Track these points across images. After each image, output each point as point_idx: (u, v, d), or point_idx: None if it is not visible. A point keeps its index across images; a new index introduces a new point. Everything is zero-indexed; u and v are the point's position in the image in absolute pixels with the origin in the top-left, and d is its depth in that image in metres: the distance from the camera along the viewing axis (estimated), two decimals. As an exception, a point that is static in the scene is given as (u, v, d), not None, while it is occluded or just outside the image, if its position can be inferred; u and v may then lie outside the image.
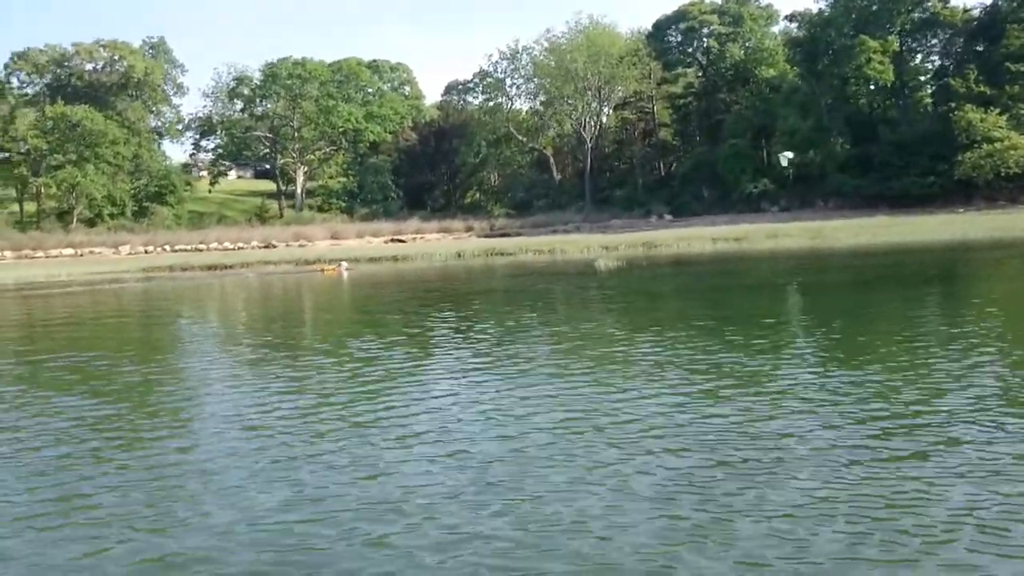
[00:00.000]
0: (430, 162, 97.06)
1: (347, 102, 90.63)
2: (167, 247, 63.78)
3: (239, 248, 64.50)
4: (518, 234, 70.17)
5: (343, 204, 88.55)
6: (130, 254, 61.57)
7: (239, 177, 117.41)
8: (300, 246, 65.68)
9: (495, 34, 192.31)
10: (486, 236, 70.25)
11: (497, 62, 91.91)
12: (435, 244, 59.31)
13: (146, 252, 62.24)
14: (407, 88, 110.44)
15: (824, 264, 25.74)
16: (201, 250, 62.87)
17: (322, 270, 35.34)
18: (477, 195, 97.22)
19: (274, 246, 65.78)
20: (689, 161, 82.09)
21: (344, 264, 35.93)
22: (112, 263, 50.49)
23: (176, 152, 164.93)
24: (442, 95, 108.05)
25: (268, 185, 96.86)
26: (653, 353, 10.53)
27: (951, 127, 63.61)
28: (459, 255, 39.72)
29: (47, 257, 59.71)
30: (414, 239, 70.08)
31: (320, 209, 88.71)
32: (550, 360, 10.64)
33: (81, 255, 60.86)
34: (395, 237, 70.78)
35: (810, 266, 25.23)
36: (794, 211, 68.22)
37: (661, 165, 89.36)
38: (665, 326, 13.35)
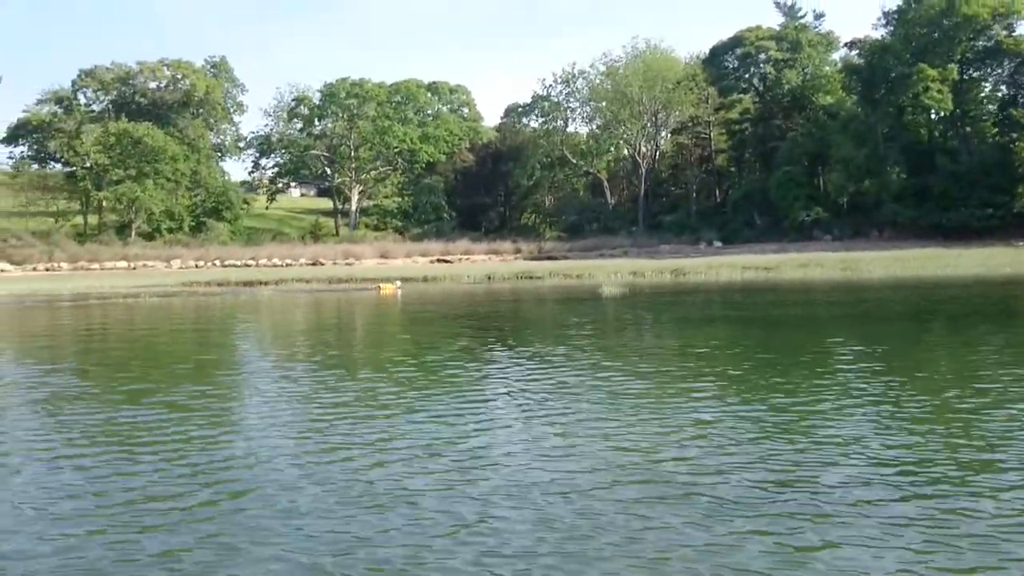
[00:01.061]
0: (486, 184, 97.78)
1: (404, 123, 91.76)
2: (217, 262, 65.06)
3: (287, 265, 65.43)
4: (564, 257, 70.03)
5: (397, 223, 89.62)
6: (181, 268, 62.93)
7: (303, 195, 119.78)
8: (347, 264, 66.39)
9: (558, 57, 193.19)
10: (532, 259, 70.27)
11: (552, 85, 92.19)
12: (475, 266, 59.39)
13: (196, 266, 63.53)
14: (466, 110, 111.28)
15: (836, 296, 25.10)
16: (250, 266, 63.93)
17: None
18: (531, 217, 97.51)
19: (321, 263, 66.56)
20: (742, 188, 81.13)
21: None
22: (160, 276, 51.67)
23: (236, 169, 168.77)
24: (501, 117, 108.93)
25: (327, 203, 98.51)
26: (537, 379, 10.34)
27: (1012, 158, 61.79)
28: (489, 278, 39.72)
29: (102, 269, 61.30)
30: (460, 260, 70.39)
31: (376, 228, 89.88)
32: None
33: (134, 268, 62.42)
34: (441, 257, 71.18)
35: (817, 299, 24.65)
36: (847, 240, 66.89)
37: (717, 191, 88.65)
38: (597, 356, 13.11)
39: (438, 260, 70.19)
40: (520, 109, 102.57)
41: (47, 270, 60.23)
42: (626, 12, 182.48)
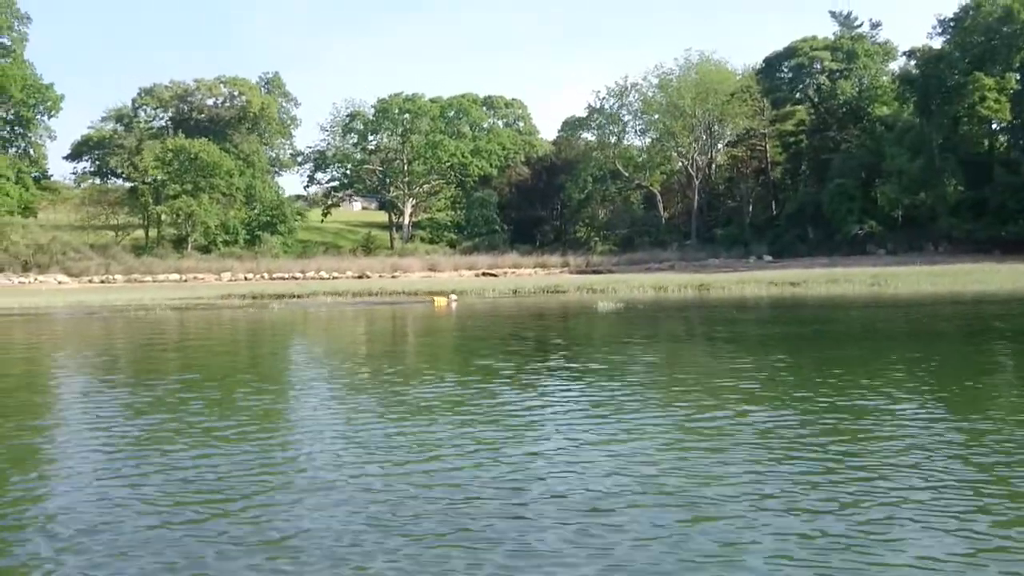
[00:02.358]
0: (541, 197, 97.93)
1: (457, 137, 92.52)
2: (266, 275, 66.29)
3: (334, 277, 66.37)
4: (610, 271, 69.66)
5: (451, 237, 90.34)
6: (231, 280, 64.28)
7: (363, 208, 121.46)
8: (393, 277, 67.08)
9: (617, 69, 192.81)
10: (579, 272, 70.08)
11: (605, 98, 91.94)
12: (515, 279, 59.39)
13: (246, 279, 64.85)
14: (521, 123, 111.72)
15: (842, 313, 24.52)
16: (298, 278, 65.03)
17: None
18: (584, 231, 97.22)
19: (368, 276, 67.35)
20: (795, 201, 79.75)
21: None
22: (203, 289, 52.85)
23: (293, 183, 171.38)
24: (558, 131, 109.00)
25: (385, 216, 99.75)
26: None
27: (1073, 169, 59.68)
28: (515, 292, 39.73)
29: (154, 282, 63.01)
30: (505, 273, 70.54)
31: (431, 241, 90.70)
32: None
33: (186, 280, 63.97)
34: (487, 271, 71.41)
35: (818, 316, 24.08)
36: (901, 255, 65.25)
37: (773, 204, 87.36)
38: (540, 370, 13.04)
39: (483, 274, 70.45)
40: (576, 122, 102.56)
41: (102, 282, 62.09)
42: (681, 25, 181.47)
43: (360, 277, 67.08)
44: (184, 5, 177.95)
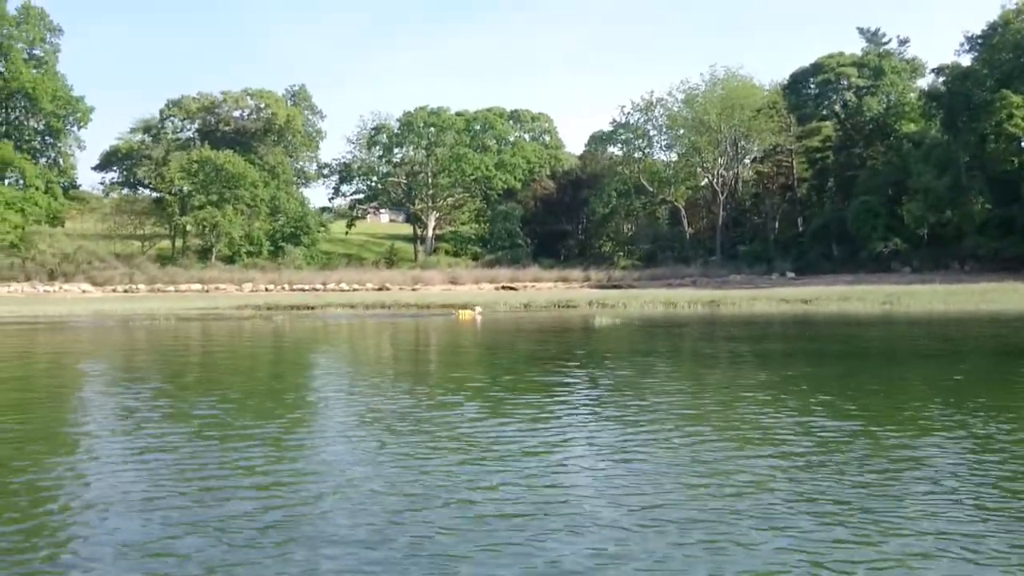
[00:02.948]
0: (566, 211, 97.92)
1: (482, 151, 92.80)
2: (286, 286, 66.73)
3: (354, 289, 66.69)
4: (630, 286, 69.30)
5: (476, 250, 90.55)
6: (252, 291, 64.78)
7: (391, 220, 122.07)
8: (413, 290, 67.26)
9: (645, 83, 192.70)
10: (599, 287, 69.84)
11: (630, 113, 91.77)
12: (533, 293, 59.35)
13: (267, 290, 65.33)
14: (547, 137, 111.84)
15: (842, 331, 24.22)
16: (318, 290, 65.43)
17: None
18: (608, 245, 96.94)
19: (388, 289, 67.61)
20: (820, 218, 79.10)
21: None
22: (222, 299, 53.34)
23: (319, 195, 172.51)
24: (585, 145, 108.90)
25: (410, 229, 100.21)
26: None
27: (1102, 189, 58.66)
28: (526, 306, 39.69)
29: (176, 291, 63.66)
30: (526, 287, 70.48)
31: (455, 254, 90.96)
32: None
33: (207, 291, 64.53)
34: (507, 285, 71.37)
35: (817, 333, 23.81)
36: (926, 273, 64.44)
37: (800, 221, 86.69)
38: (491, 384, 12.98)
39: (503, 287, 70.44)
40: (602, 136, 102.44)
41: (125, 291, 62.78)
42: (709, 39, 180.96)
43: (380, 289, 67.34)
44: (217, 20, 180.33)
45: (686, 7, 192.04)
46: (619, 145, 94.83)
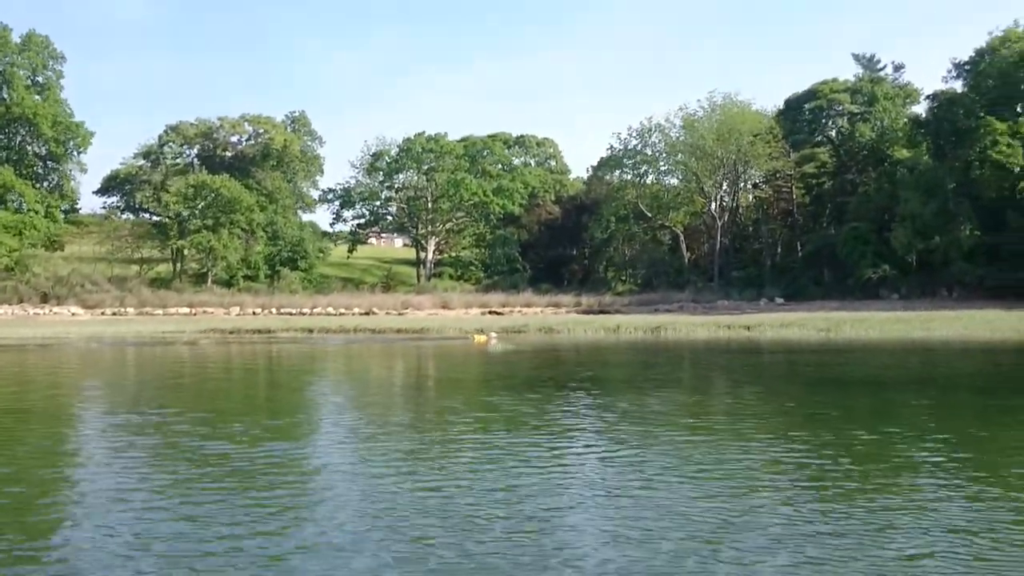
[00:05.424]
0: (570, 236, 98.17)
1: (480, 176, 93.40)
2: (274, 310, 67.48)
3: (341, 313, 67.26)
4: (619, 311, 69.36)
5: (479, 275, 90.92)
6: (239, 315, 65.57)
7: (404, 245, 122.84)
8: (400, 314, 67.73)
9: (648, 109, 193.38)
10: (586, 312, 69.85)
11: (627, 139, 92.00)
12: (517, 318, 59.44)
13: (254, 314, 66.11)
14: (552, 162, 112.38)
15: (741, 360, 24.28)
16: (305, 314, 66.09)
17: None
18: (607, 270, 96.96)
19: (375, 313, 68.16)
20: (812, 243, 78.81)
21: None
22: (202, 322, 54.11)
23: (323, 219, 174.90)
24: (589, 170, 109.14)
25: (411, 252, 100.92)
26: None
27: (1087, 216, 58.03)
28: (481, 331, 39.97)
29: (164, 314, 64.56)
30: (512, 312, 70.71)
31: (460, 278, 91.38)
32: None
33: (195, 314, 65.41)
34: (494, 310, 71.65)
35: (713, 361, 23.89)
36: (914, 300, 64.04)
37: (799, 246, 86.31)
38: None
39: (491, 312, 70.73)
40: (603, 161, 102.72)
41: (114, 314, 63.80)
42: (713, 65, 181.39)
43: (367, 313, 67.90)
44: (232, 45, 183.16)
45: (695, 32, 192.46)
46: (616, 170, 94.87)
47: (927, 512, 7.46)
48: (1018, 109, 63.02)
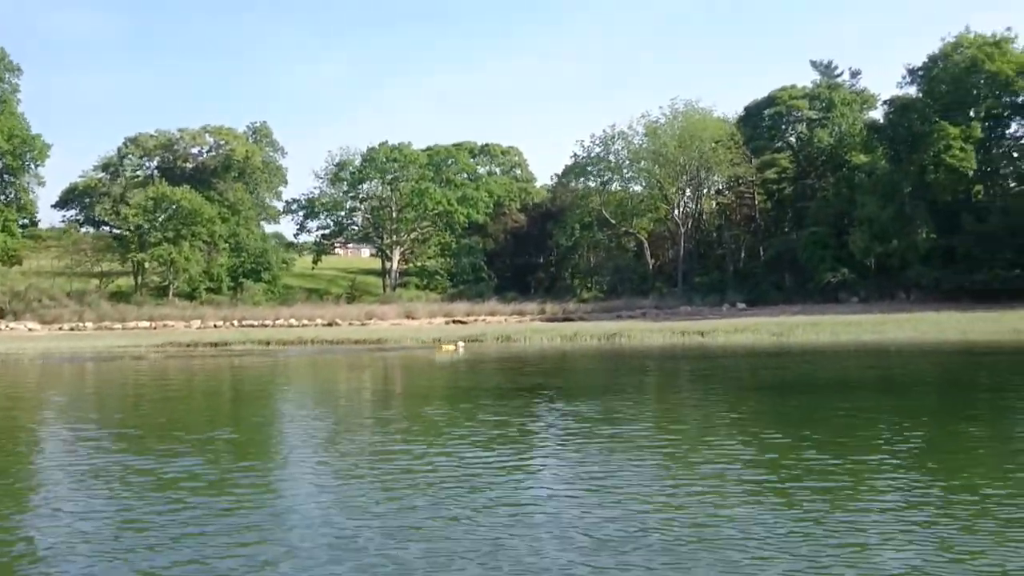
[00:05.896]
0: (536, 244, 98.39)
1: (444, 185, 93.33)
2: (236, 322, 67.00)
3: (303, 325, 66.87)
4: (582, 319, 69.47)
5: (445, 284, 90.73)
6: (200, 328, 65.02)
7: (372, 255, 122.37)
8: (362, 325, 67.50)
9: (615, 116, 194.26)
10: (550, 320, 69.88)
11: (590, 146, 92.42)
12: (480, 327, 59.41)
13: (215, 327, 65.61)
14: (518, 171, 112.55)
15: (687, 364, 24.47)
16: (267, 326, 65.67)
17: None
18: (572, 278, 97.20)
19: (338, 324, 67.85)
20: (773, 248, 79.54)
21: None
22: (159, 336, 53.63)
23: (288, 230, 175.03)
24: (553, 178, 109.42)
25: (378, 263, 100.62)
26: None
27: (1038, 218, 59.02)
28: (437, 340, 39.97)
29: (123, 329, 63.87)
30: (476, 321, 70.62)
31: (425, 288, 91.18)
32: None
33: (155, 328, 64.80)
34: (458, 319, 71.54)
35: (659, 366, 24.06)
36: (873, 303, 64.81)
37: (761, 251, 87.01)
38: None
39: (454, 321, 70.60)
40: (568, 169, 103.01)
41: (71, 329, 63.03)
42: (675, 73, 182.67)
43: (329, 324, 67.58)
44: (193, 56, 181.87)
45: (662, 41, 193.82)
46: (580, 178, 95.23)
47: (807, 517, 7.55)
48: (971, 114, 63.85)
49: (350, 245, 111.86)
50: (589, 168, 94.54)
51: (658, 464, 9.87)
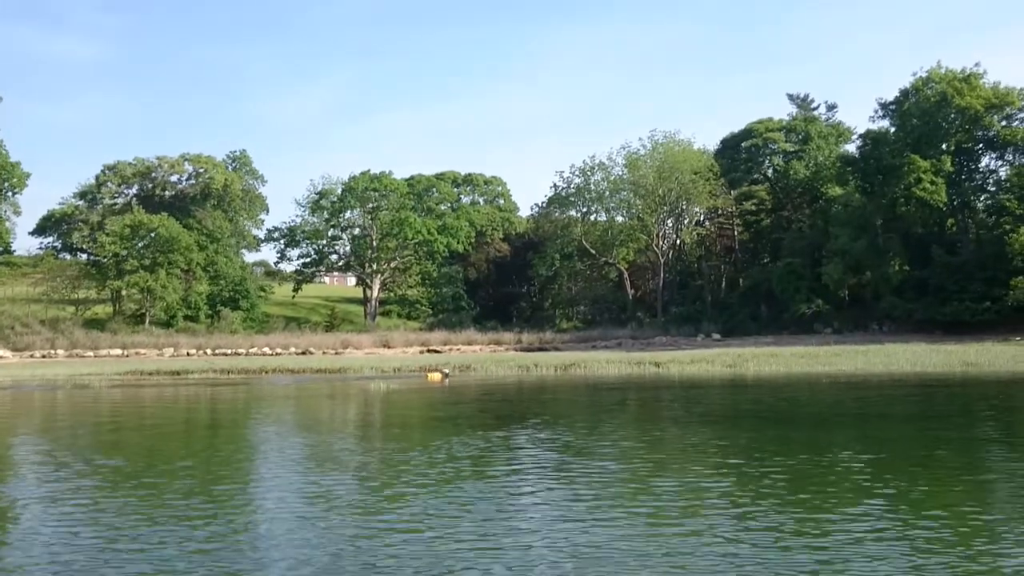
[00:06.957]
0: (518, 273, 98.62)
1: (425, 214, 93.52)
2: (208, 351, 66.84)
3: (277, 354, 66.74)
4: (557, 348, 69.63)
5: (427, 312, 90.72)
6: (173, 356, 64.85)
7: (357, 284, 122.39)
8: (336, 354, 67.37)
9: (597, 147, 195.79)
10: (525, 350, 69.93)
11: (569, 177, 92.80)
12: (455, 356, 59.27)
13: (188, 355, 65.44)
14: (501, 200, 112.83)
15: (633, 394, 24.48)
16: (240, 354, 65.56)
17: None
18: (554, 307, 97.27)
19: (311, 352, 67.77)
20: (749, 279, 79.82)
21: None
22: (116, 365, 53.41)
23: (269, 258, 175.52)
24: (534, 208, 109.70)
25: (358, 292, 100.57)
26: None
27: (1007, 251, 59.34)
28: (396, 369, 39.96)
29: (95, 356, 63.70)
30: (450, 350, 70.58)
31: (407, 317, 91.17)
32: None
33: (127, 355, 64.63)
34: (434, 348, 71.51)
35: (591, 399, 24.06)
36: (847, 334, 64.94)
37: (741, 282, 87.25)
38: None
39: (430, 350, 70.57)
40: (550, 200, 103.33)
41: (43, 357, 62.89)
42: (655, 106, 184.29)
43: (303, 353, 67.47)
44: (173, 84, 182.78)
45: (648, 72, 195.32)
46: (560, 209, 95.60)
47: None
48: (941, 147, 64.35)
49: (335, 273, 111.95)
50: (571, 199, 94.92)
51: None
